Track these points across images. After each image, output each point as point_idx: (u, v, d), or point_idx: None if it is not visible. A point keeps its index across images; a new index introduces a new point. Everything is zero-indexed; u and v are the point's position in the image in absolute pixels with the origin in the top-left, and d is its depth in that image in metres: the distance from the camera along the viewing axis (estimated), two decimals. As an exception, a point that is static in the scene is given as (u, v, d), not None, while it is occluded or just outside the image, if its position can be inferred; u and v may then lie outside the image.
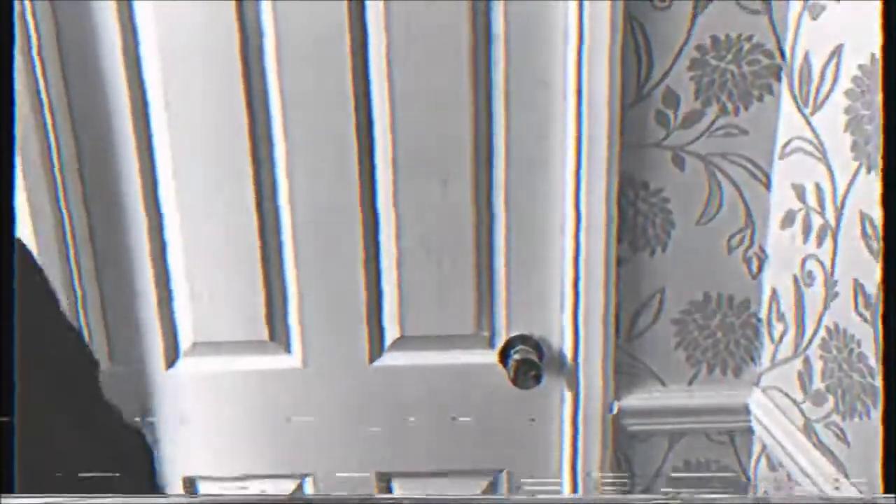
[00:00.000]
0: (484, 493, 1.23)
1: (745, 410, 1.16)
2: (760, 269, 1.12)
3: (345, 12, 1.04)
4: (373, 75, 1.07)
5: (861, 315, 0.87)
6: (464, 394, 1.19)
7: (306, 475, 1.22)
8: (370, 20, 1.05)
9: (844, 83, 0.90)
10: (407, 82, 1.07)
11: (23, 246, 0.45)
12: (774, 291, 1.10)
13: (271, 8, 1.03)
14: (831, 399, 0.95)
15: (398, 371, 1.18)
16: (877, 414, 0.85)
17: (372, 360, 1.18)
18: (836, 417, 0.94)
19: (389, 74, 1.06)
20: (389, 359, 1.18)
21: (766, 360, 1.14)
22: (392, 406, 1.19)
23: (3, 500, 0.33)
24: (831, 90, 0.93)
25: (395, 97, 1.08)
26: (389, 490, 1.23)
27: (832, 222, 0.93)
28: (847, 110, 0.90)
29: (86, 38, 1.04)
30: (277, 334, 1.16)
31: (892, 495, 0.45)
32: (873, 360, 0.85)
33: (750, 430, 1.17)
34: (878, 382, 0.85)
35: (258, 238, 1.12)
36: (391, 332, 1.17)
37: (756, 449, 1.18)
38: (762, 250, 1.12)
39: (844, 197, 0.91)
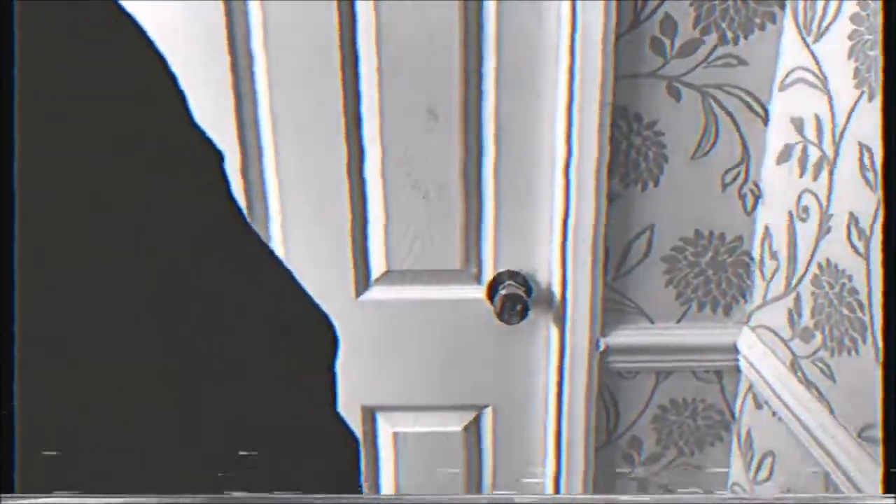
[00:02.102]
0: (468, 427, 1.23)
1: (734, 349, 1.15)
2: (755, 205, 1.10)
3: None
4: (358, 5, 1.03)
5: (854, 248, 0.85)
6: (451, 329, 1.18)
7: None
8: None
9: (850, 7, 0.86)
10: (394, 10, 1.03)
11: None
12: (767, 228, 1.08)
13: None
14: (819, 336, 0.94)
15: (385, 305, 1.17)
16: (865, 349, 0.84)
17: (358, 294, 1.17)
18: (823, 354, 0.93)
19: (376, 3, 1.02)
20: (376, 293, 1.17)
21: (756, 298, 1.12)
22: (378, 340, 1.18)
23: (3, 501, 0.32)
24: (836, 16, 0.89)
25: (382, 26, 1.03)
26: (374, 424, 1.23)
27: (829, 155, 0.90)
28: (851, 35, 0.86)
29: None
30: (261, 266, 1.15)
31: (893, 495, 0.44)
32: (864, 294, 0.84)
33: (737, 370, 1.17)
34: (867, 317, 0.83)
35: (240, 171, 1.09)
36: (377, 267, 1.16)
37: (743, 387, 1.17)
38: (757, 186, 1.09)
39: (844, 128, 0.87)
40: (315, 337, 0.43)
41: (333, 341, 0.43)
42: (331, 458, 0.41)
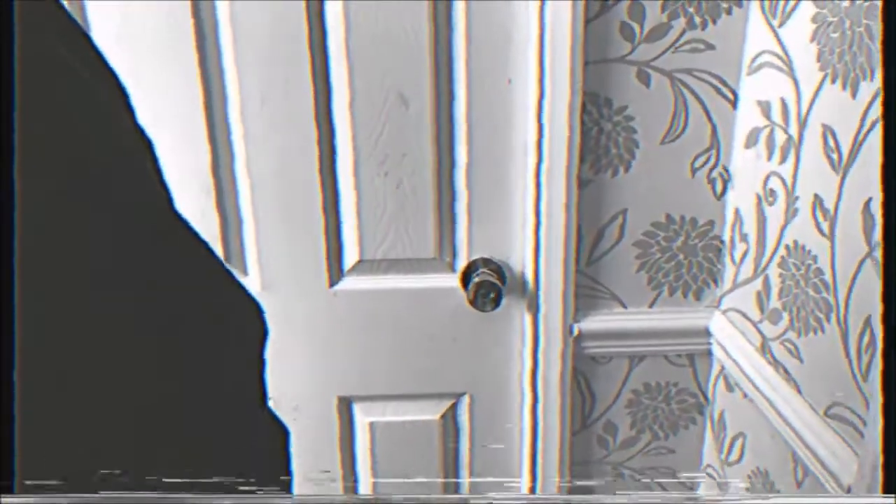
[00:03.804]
0: (444, 415, 1.23)
1: (706, 333, 1.16)
2: (724, 190, 1.11)
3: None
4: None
5: (819, 228, 0.86)
6: (425, 318, 1.18)
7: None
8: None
9: (813, -10, 0.86)
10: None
11: None
12: (737, 212, 1.09)
13: None
14: (786, 317, 0.95)
15: (358, 295, 1.17)
16: (830, 328, 0.85)
17: (332, 283, 1.16)
18: (791, 334, 0.94)
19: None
20: (349, 282, 1.17)
21: (727, 282, 1.13)
22: (352, 330, 1.18)
23: (3, 500, 0.32)
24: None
25: (351, 12, 1.03)
26: (350, 414, 1.23)
27: (795, 137, 0.91)
28: (814, 18, 0.87)
29: None
30: (233, 256, 1.14)
31: (892, 495, 0.45)
32: (829, 275, 0.85)
33: (709, 353, 1.18)
34: (832, 297, 0.84)
35: (210, 157, 1.08)
36: (350, 256, 1.15)
37: (714, 370, 1.18)
38: (726, 171, 1.10)
39: (808, 110, 0.88)
40: (244, 325, 0.42)
41: (263, 329, 0.42)
42: (259, 449, 0.40)
